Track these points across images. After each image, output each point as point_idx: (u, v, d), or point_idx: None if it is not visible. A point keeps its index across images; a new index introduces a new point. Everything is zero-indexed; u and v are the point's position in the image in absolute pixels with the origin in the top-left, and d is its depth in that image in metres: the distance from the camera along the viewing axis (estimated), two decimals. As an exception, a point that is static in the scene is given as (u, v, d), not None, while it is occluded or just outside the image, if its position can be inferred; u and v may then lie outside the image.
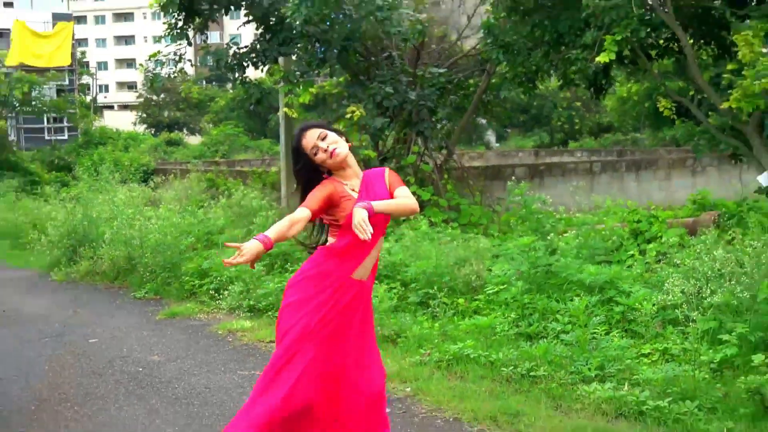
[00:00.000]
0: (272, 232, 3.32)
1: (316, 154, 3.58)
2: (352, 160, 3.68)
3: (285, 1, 11.34)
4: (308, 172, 3.63)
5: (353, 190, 3.62)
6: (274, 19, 11.60)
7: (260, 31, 12.22)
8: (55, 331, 7.54)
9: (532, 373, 5.33)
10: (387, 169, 3.76)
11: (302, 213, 3.42)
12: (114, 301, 9.01)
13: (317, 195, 3.51)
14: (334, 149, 3.57)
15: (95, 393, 5.55)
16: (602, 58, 8.48)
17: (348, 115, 10.94)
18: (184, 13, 11.91)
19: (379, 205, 3.44)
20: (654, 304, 5.92)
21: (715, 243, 6.94)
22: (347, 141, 3.67)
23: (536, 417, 4.69)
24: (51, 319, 8.09)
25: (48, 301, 9.09)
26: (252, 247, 3.23)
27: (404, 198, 3.60)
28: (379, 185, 3.69)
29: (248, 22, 12.14)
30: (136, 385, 5.71)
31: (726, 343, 5.32)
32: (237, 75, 12.49)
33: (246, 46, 12.27)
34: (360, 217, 3.30)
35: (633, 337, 5.84)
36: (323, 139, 3.58)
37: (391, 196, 3.66)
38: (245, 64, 12.23)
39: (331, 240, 3.64)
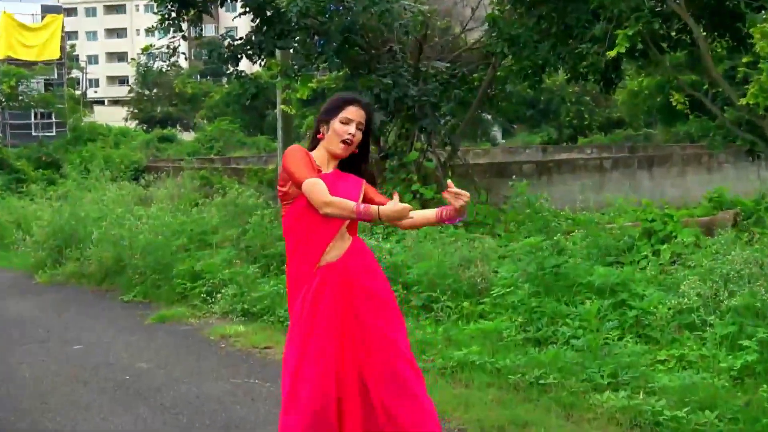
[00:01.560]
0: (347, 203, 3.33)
1: (344, 123, 3.52)
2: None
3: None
4: (320, 128, 3.58)
5: (320, 171, 3.51)
6: (270, 10, 11.52)
7: (256, 23, 12.14)
8: (38, 337, 7.48)
9: (541, 381, 5.26)
10: (363, 181, 3.66)
11: (321, 185, 3.37)
12: (101, 304, 8.95)
13: (299, 160, 3.44)
14: (350, 142, 3.53)
15: (79, 402, 5.47)
16: (615, 50, 8.40)
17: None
18: (177, 5, 11.84)
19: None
20: (669, 308, 5.86)
21: (732, 243, 6.89)
22: (363, 148, 3.64)
23: (546, 427, 4.62)
24: (34, 324, 8.03)
25: (31, 305, 9.03)
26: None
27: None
28: (351, 186, 3.58)
29: (244, 13, 12.07)
30: (123, 394, 5.63)
31: (746, 349, 5.25)
32: (231, 68, 12.42)
33: (241, 38, 12.20)
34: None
35: (647, 342, 5.76)
36: (359, 129, 3.55)
37: (372, 202, 3.56)
38: (240, 56, 12.15)
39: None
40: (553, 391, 5.13)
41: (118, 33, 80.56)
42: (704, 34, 9.45)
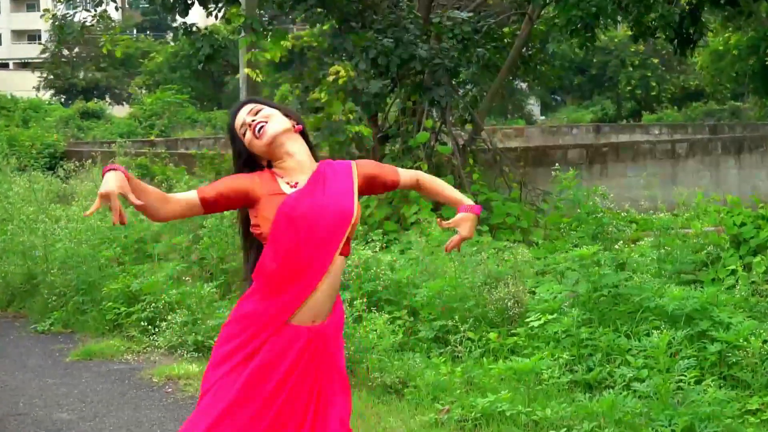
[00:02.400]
0: (144, 185, 3.29)
1: (244, 134, 3.59)
2: (298, 148, 3.59)
3: None
4: (243, 163, 3.61)
5: (290, 185, 3.53)
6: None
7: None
8: (-77, 379, 7.49)
9: (593, 438, 5.29)
10: (354, 163, 3.70)
11: (188, 193, 3.44)
12: (7, 335, 8.96)
13: (224, 180, 3.52)
14: (261, 125, 3.55)
15: (-21, 465, 5.51)
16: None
17: (331, 77, 10.89)
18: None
19: (454, 194, 3.86)
20: (765, 341, 5.89)
21: None
22: (298, 123, 3.65)
23: (599, 499, 4.66)
24: None
25: None
26: (109, 180, 3.12)
27: (422, 174, 3.84)
28: (341, 181, 3.62)
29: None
30: (37, 455, 5.67)
31: None
32: (179, 20, 12.47)
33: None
34: None
35: (735, 386, 5.80)
36: (256, 114, 3.59)
37: (378, 182, 3.72)
38: (191, 2, 12.21)
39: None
40: (610, 452, 5.17)
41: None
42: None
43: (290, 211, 3.44)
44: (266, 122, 3.55)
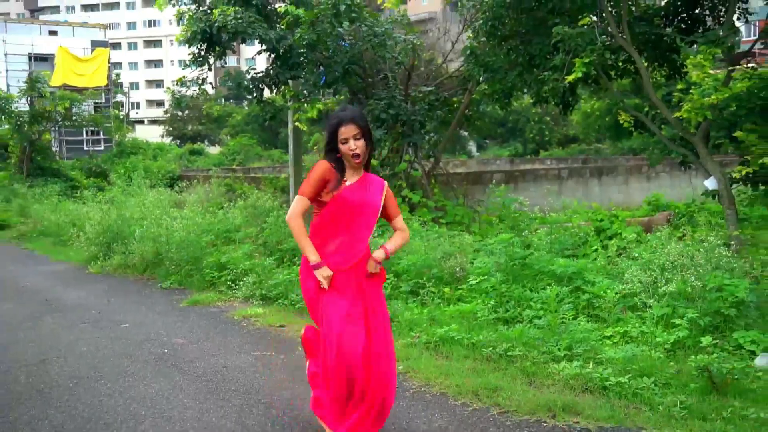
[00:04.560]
0: (309, 247, 3.62)
1: (344, 143, 3.63)
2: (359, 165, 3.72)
3: (291, 34, 11.34)
4: (331, 150, 3.70)
5: (345, 181, 3.68)
6: (283, 47, 11.57)
7: (272, 57, 12.16)
8: (91, 318, 7.48)
9: (509, 353, 5.30)
10: (386, 184, 3.78)
11: (301, 203, 3.63)
12: (143, 291, 8.95)
13: (312, 178, 3.62)
14: (359, 155, 3.64)
15: (127, 371, 5.50)
16: (572, 77, 8.43)
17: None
18: (206, 44, 11.88)
19: (393, 246, 3.81)
20: (616, 293, 5.90)
21: (668, 239, 6.93)
22: (369, 146, 3.68)
23: (513, 391, 4.66)
24: (88, 307, 8.03)
25: (85, 292, 9.03)
26: (321, 275, 3.62)
27: (404, 231, 3.90)
28: (376, 191, 3.69)
29: (261, 51, 12.11)
30: (163, 365, 5.66)
31: (678, 327, 5.30)
32: (255, 95, 12.46)
33: (262, 72, 12.25)
34: (373, 266, 3.72)
35: (597, 321, 5.81)
36: (357, 139, 3.63)
37: (386, 211, 3.81)
38: (262, 87, 12.23)
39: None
40: (519, 362, 5.17)
41: (156, 64, 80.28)
42: (646, 64, 9.49)
43: (348, 196, 3.65)
44: (360, 153, 3.64)
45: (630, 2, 9.22)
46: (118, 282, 9.63)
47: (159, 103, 73.58)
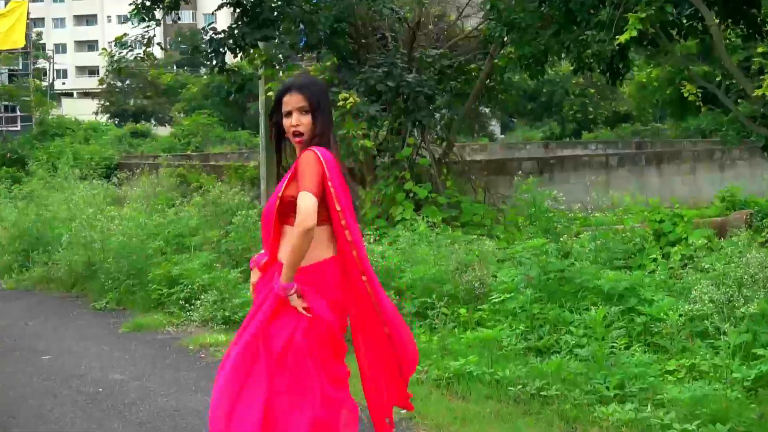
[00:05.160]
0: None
1: (287, 117, 3.70)
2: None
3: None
4: (279, 126, 3.77)
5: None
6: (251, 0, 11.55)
7: (238, 11, 12.13)
8: (3, 347, 7.47)
9: (543, 393, 5.29)
10: (305, 156, 3.61)
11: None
12: (71, 312, 8.93)
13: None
14: (301, 133, 3.67)
15: (49, 416, 5.48)
16: (624, 37, 8.39)
17: (340, 103, 10.88)
18: (152, -9, 11.85)
19: (285, 275, 3.53)
20: (680, 315, 5.89)
21: (747, 245, 6.90)
22: (319, 125, 3.66)
23: (548, 442, 4.64)
24: (0, 333, 8.01)
25: (-3, 313, 9.01)
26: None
27: (289, 242, 3.57)
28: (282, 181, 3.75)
29: (223, 5, 12.09)
30: (96, 408, 5.64)
31: (761, 358, 5.28)
32: (215, 62, 12.42)
33: (223, 31, 12.21)
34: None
35: (657, 351, 5.80)
36: (303, 113, 3.66)
37: (284, 194, 3.63)
38: (224, 51, 12.17)
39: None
40: (556, 404, 5.16)
41: (88, 20, 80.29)
42: (717, 20, 9.49)
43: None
44: (300, 130, 3.66)
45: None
46: (38, 300, 9.61)
47: (92, 71, 73.57)
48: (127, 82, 52.01)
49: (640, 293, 6.43)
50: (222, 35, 12.07)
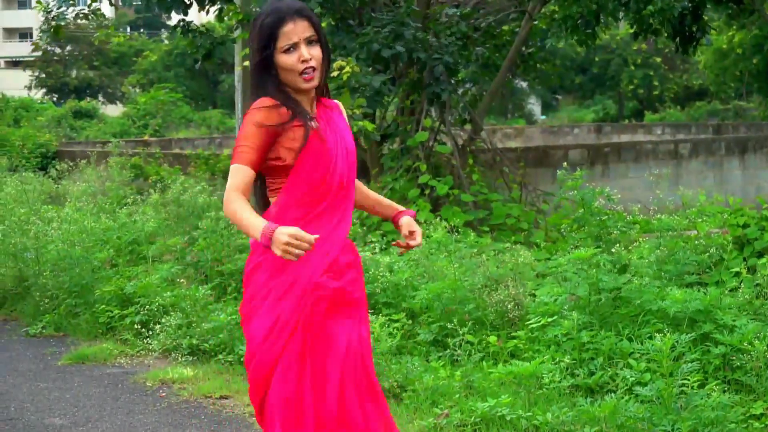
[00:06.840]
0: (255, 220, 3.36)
1: (289, 52, 3.52)
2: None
3: None
4: (264, 68, 3.59)
5: (311, 119, 3.62)
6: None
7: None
8: None
9: (594, 443, 5.29)
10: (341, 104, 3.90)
11: (240, 176, 3.46)
12: (-2, 339, 8.96)
13: (249, 133, 3.51)
14: (314, 68, 3.55)
15: (-30, 471, 5.50)
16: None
17: (335, 73, 10.89)
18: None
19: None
20: (768, 345, 5.88)
21: None
22: (326, 60, 3.66)
23: (601, 506, 4.66)
24: None
25: None
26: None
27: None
28: (342, 122, 3.78)
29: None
30: (29, 460, 5.66)
31: None
32: (179, 21, 12.45)
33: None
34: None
35: (739, 391, 5.81)
36: (311, 44, 3.55)
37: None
38: (189, 2, 12.20)
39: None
40: (611, 457, 5.17)
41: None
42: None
43: (323, 142, 3.61)
44: (315, 67, 3.55)
45: None
46: (-44, 325, 9.63)
47: (23, 34, 73.79)
48: (68, 48, 52.16)
49: (718, 317, 6.42)
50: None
